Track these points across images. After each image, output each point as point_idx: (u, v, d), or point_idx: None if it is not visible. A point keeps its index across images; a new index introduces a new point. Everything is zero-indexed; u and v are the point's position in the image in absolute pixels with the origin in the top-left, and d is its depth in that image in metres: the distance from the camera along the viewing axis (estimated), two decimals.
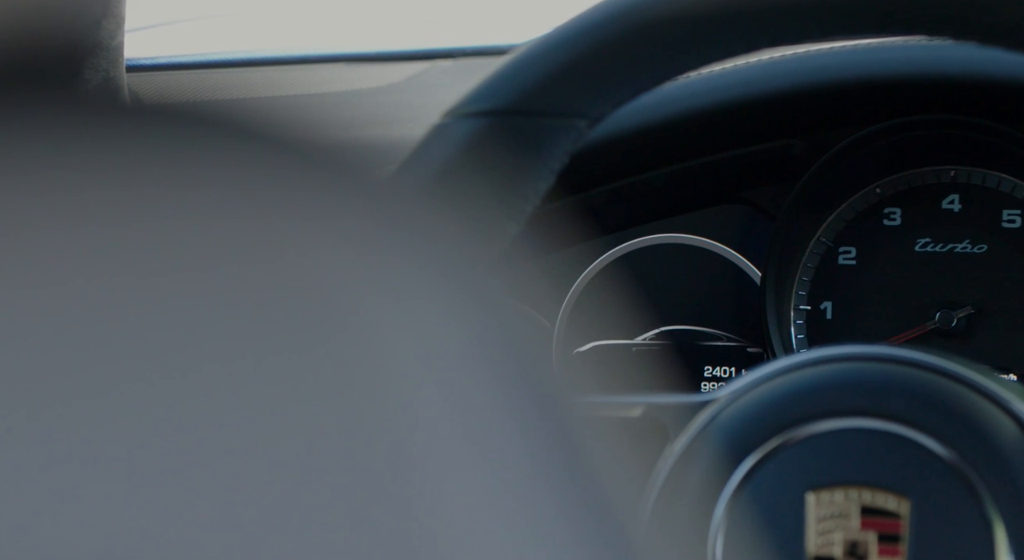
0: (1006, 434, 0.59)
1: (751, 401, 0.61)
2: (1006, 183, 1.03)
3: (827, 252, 1.06)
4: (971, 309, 1.02)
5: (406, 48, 1.28)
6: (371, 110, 1.23)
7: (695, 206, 1.10)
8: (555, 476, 0.25)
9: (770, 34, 0.62)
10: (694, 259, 1.10)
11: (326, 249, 0.24)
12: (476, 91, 0.65)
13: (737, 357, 1.09)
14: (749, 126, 1.04)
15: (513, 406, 0.25)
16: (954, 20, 0.60)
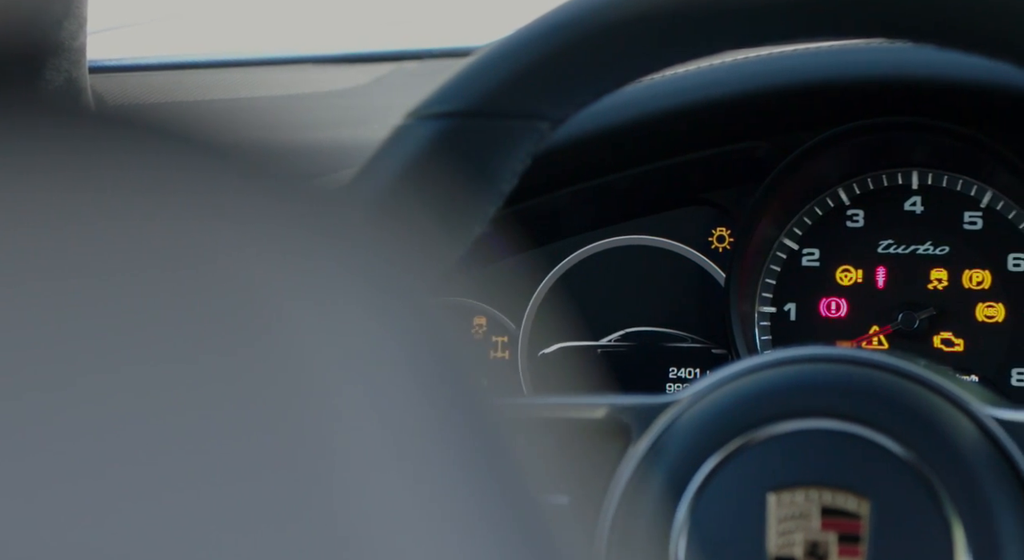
0: (965, 435, 0.59)
1: (713, 402, 0.62)
2: (967, 185, 1.03)
3: (791, 254, 1.06)
4: (933, 310, 1.03)
5: (372, 50, 1.28)
6: (337, 112, 1.23)
7: (660, 208, 1.10)
8: (476, 479, 0.25)
9: (731, 37, 0.62)
10: (659, 261, 1.10)
11: (251, 251, 0.24)
12: (438, 93, 0.65)
13: (702, 358, 1.09)
14: (713, 128, 1.04)
15: (435, 409, 0.25)
16: (914, 23, 0.60)
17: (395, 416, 0.24)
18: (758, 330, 1.06)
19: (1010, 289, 1.02)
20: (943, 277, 1.03)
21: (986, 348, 1.02)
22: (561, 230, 1.11)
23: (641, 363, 1.10)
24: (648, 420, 0.62)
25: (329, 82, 1.26)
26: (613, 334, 1.10)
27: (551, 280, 1.11)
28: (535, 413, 0.63)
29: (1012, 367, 1.02)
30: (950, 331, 1.03)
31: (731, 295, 1.05)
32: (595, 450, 0.63)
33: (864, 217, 1.05)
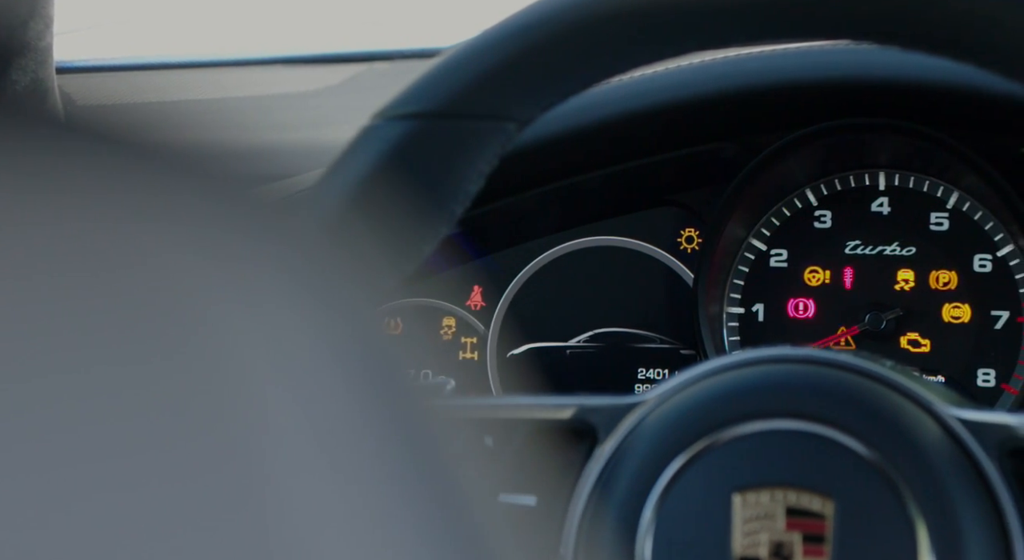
0: (928, 435, 0.60)
1: (679, 403, 0.62)
2: (934, 186, 1.04)
3: (759, 254, 1.07)
4: (900, 311, 1.03)
5: (342, 50, 1.28)
6: (307, 112, 1.23)
7: (628, 209, 1.10)
8: (407, 482, 0.25)
9: (697, 38, 0.63)
10: (627, 262, 1.10)
11: (180, 253, 0.24)
12: (405, 93, 0.65)
13: (670, 359, 1.09)
14: (681, 129, 1.04)
15: (366, 414, 0.25)
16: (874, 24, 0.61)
17: (324, 420, 0.24)
18: (726, 331, 1.06)
19: (976, 290, 1.03)
20: (910, 278, 1.04)
21: (952, 348, 1.03)
22: (530, 231, 1.11)
23: (610, 364, 1.10)
24: (614, 421, 0.62)
25: (298, 83, 1.26)
26: (582, 335, 1.10)
27: (520, 281, 1.11)
28: (501, 414, 0.63)
29: (978, 367, 1.02)
30: (917, 331, 1.03)
31: (699, 296, 1.05)
32: (562, 451, 0.63)
33: (832, 218, 1.06)
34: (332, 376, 0.25)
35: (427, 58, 1.29)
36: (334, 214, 0.63)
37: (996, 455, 0.60)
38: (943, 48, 0.61)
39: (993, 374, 1.02)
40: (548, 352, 1.11)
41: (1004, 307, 1.02)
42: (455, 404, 0.64)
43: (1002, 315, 1.02)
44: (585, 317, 1.11)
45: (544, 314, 1.11)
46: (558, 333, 1.11)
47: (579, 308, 1.11)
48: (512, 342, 1.11)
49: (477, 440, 0.63)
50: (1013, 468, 0.59)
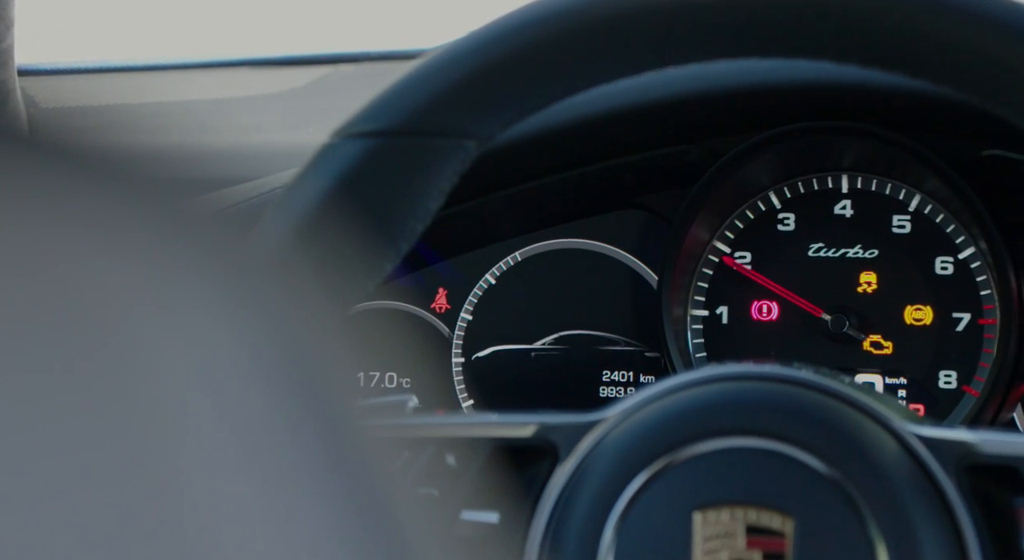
0: (887, 453, 0.60)
1: (639, 421, 0.62)
2: (896, 189, 1.04)
3: (723, 257, 1.07)
4: (862, 313, 1.04)
5: (308, 53, 1.27)
6: (272, 115, 1.22)
7: (593, 211, 1.10)
8: (327, 491, 0.25)
9: (657, 56, 0.63)
10: (592, 264, 1.10)
11: (101, 258, 0.24)
12: (364, 111, 0.65)
13: (635, 362, 1.10)
14: (644, 132, 1.05)
15: (289, 424, 0.25)
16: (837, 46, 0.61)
17: (246, 429, 0.24)
18: (690, 333, 1.07)
19: (938, 292, 1.03)
20: (872, 280, 1.04)
21: (914, 351, 1.03)
22: (495, 233, 1.11)
23: (574, 366, 1.10)
24: (575, 439, 0.62)
25: (264, 85, 1.25)
26: (547, 337, 1.10)
27: (485, 283, 1.11)
28: (462, 432, 0.63)
29: (939, 369, 1.03)
30: (879, 334, 1.04)
31: (663, 299, 1.05)
32: (524, 469, 0.63)
33: (795, 221, 1.06)
34: (258, 390, 0.25)
35: (393, 61, 1.29)
36: (292, 233, 0.63)
37: (954, 472, 0.60)
38: (897, 66, 0.61)
39: (955, 376, 1.03)
40: (513, 355, 1.11)
41: (965, 309, 1.03)
42: (415, 422, 0.64)
43: (963, 317, 1.03)
44: (550, 320, 1.11)
45: (509, 317, 1.11)
46: (523, 336, 1.11)
47: (544, 311, 1.11)
48: (477, 345, 1.12)
49: (439, 458, 0.63)
50: (971, 485, 0.60)
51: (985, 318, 1.02)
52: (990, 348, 1.01)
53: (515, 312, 1.11)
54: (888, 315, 1.04)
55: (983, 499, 0.60)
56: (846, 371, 1.04)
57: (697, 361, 1.07)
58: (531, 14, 0.63)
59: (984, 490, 0.60)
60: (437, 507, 0.62)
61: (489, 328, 1.11)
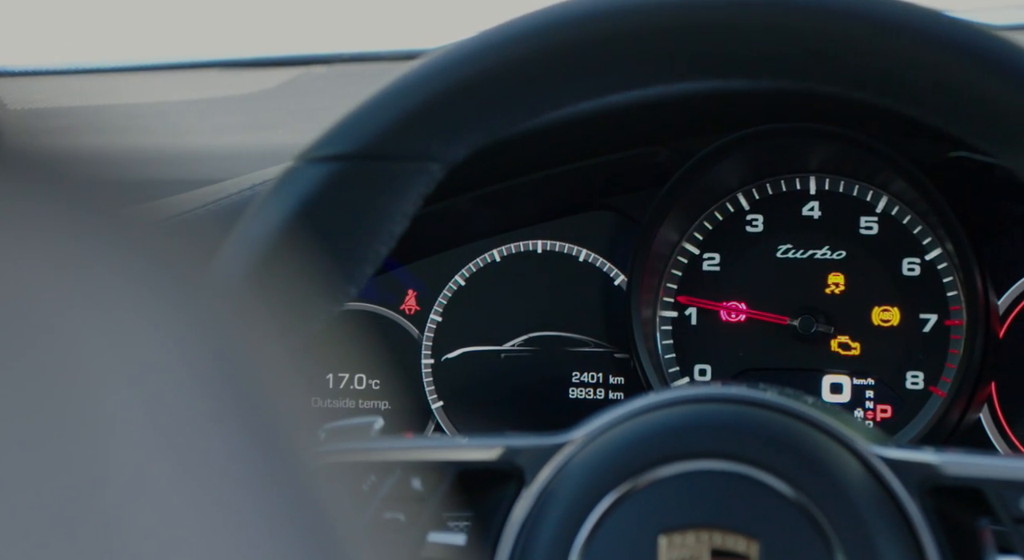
0: (851, 475, 0.60)
1: (604, 444, 0.62)
2: (863, 190, 1.05)
3: (691, 258, 1.07)
4: (830, 314, 1.04)
5: (280, 54, 1.27)
6: (243, 116, 1.22)
7: (562, 213, 1.10)
8: (263, 509, 0.25)
9: (620, 80, 0.62)
10: (562, 266, 1.10)
11: (33, 261, 0.24)
12: (327, 135, 0.64)
13: (604, 363, 1.10)
14: (613, 133, 1.05)
15: (224, 435, 0.25)
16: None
17: (176, 438, 0.24)
18: (659, 334, 1.07)
19: (905, 293, 1.04)
20: (840, 281, 1.05)
21: (882, 351, 1.04)
22: (465, 235, 1.11)
23: (544, 367, 1.10)
24: (540, 462, 0.63)
25: (235, 86, 1.25)
26: (516, 339, 1.11)
27: (455, 285, 1.11)
28: (427, 455, 0.63)
29: (906, 370, 1.04)
30: (847, 335, 1.04)
31: (632, 300, 1.05)
32: (490, 491, 0.64)
33: (763, 222, 1.06)
34: (182, 384, 0.25)
35: (365, 62, 1.29)
36: (254, 258, 0.62)
37: (918, 494, 0.60)
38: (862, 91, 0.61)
39: (922, 377, 1.03)
40: (483, 356, 1.11)
41: (932, 310, 1.03)
42: (380, 446, 0.64)
43: (930, 318, 1.03)
44: (520, 321, 1.11)
45: (479, 318, 1.11)
46: (493, 337, 1.11)
47: (514, 312, 1.11)
48: (447, 346, 1.12)
49: (404, 482, 0.63)
50: (935, 506, 0.60)
51: (952, 319, 1.03)
52: (956, 349, 1.01)
53: (485, 314, 1.11)
54: (856, 316, 1.04)
55: (947, 520, 0.60)
56: (814, 372, 1.05)
57: (666, 362, 1.07)
58: (495, 37, 0.63)
59: (948, 511, 0.61)
60: (403, 531, 0.62)
61: (458, 330, 1.11)
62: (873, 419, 1.04)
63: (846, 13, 0.60)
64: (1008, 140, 0.61)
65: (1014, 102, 0.59)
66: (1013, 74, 0.60)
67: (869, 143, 1.00)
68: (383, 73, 0.68)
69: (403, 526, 0.62)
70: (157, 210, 0.95)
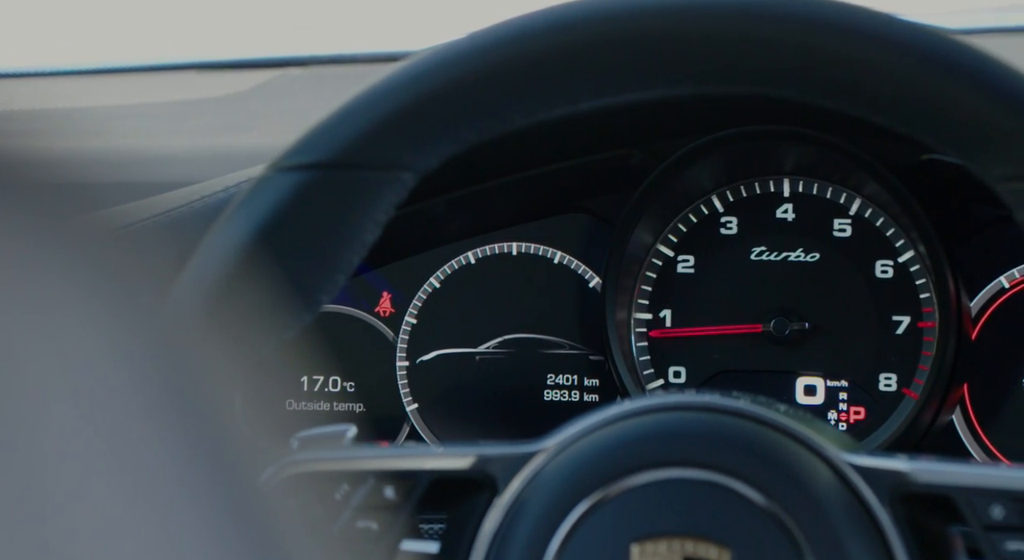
0: (822, 482, 0.61)
1: (576, 453, 0.62)
2: (837, 193, 1.05)
3: (666, 261, 1.07)
4: (804, 316, 1.04)
5: (255, 56, 1.27)
6: (218, 118, 1.21)
7: (537, 215, 1.10)
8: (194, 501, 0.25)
9: (591, 90, 0.63)
10: (536, 268, 1.10)
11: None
12: (299, 144, 0.64)
13: (579, 365, 1.10)
14: (587, 135, 1.05)
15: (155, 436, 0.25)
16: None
17: (112, 444, 0.24)
18: (634, 337, 1.07)
19: (878, 295, 1.04)
20: (814, 283, 1.05)
21: (855, 353, 1.04)
22: (440, 237, 1.11)
23: (519, 369, 1.10)
24: (513, 471, 0.63)
25: (210, 88, 1.25)
26: (491, 341, 1.11)
27: (429, 287, 1.11)
28: (399, 464, 0.63)
29: (880, 372, 1.04)
30: (821, 337, 1.05)
31: (607, 302, 1.06)
32: (462, 500, 0.64)
33: (737, 224, 1.07)
34: (123, 391, 0.25)
35: (341, 64, 1.28)
36: (225, 268, 0.62)
37: (888, 501, 0.61)
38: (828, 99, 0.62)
39: (895, 379, 1.04)
40: (458, 358, 1.11)
41: (905, 312, 1.03)
42: (353, 455, 0.64)
43: (903, 320, 1.03)
44: (494, 323, 1.11)
45: (454, 320, 1.11)
46: (468, 339, 1.11)
47: (488, 314, 1.11)
48: (422, 348, 1.12)
49: (377, 490, 0.63)
50: (905, 514, 0.61)
51: (924, 321, 1.03)
52: (929, 351, 1.02)
53: (459, 316, 1.11)
54: (829, 318, 1.05)
55: (918, 527, 0.61)
56: (788, 374, 1.05)
57: (641, 365, 1.07)
58: (466, 46, 0.63)
59: (919, 518, 0.61)
60: (376, 540, 0.62)
61: (433, 332, 1.11)
62: (847, 421, 1.05)
63: (804, 20, 0.60)
64: (971, 144, 0.61)
65: (975, 106, 0.60)
66: (974, 78, 0.60)
67: (843, 146, 1.01)
68: (360, 75, 0.68)
69: (376, 535, 0.62)
70: (126, 213, 0.95)
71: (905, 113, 0.61)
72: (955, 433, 1.03)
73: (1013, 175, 0.61)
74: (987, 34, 1.19)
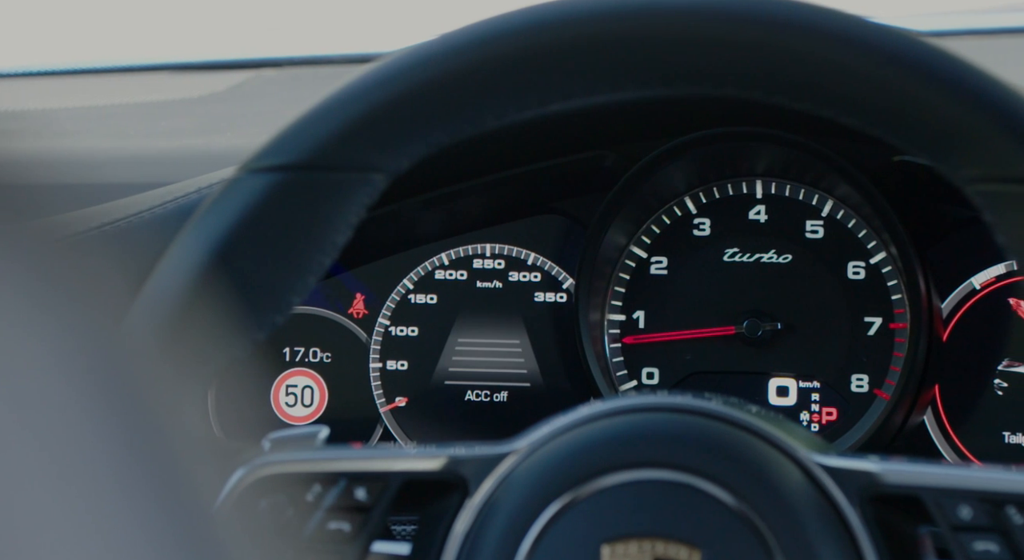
0: (792, 483, 0.61)
1: (547, 454, 0.62)
2: (809, 194, 1.05)
3: (639, 262, 1.07)
4: (776, 317, 1.05)
5: (229, 57, 1.26)
6: (192, 119, 1.21)
7: (510, 216, 1.10)
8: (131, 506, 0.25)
9: (559, 91, 0.63)
10: (510, 269, 1.10)
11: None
12: (270, 145, 0.64)
13: (553, 366, 1.10)
14: (560, 137, 1.05)
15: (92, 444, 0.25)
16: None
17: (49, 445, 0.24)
18: (607, 337, 1.07)
19: (850, 296, 1.04)
20: (786, 285, 1.05)
21: (827, 354, 1.05)
22: (413, 238, 1.11)
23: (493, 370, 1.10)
24: (484, 472, 0.63)
25: (184, 89, 1.24)
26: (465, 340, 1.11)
27: (403, 289, 1.11)
28: (371, 465, 0.63)
29: (852, 373, 1.04)
30: (793, 338, 1.05)
31: (580, 303, 1.06)
32: (434, 501, 0.64)
33: (710, 226, 1.07)
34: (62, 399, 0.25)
35: (315, 65, 1.28)
36: (196, 268, 0.62)
37: (858, 502, 0.61)
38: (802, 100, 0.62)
39: (866, 380, 1.04)
40: (431, 360, 1.11)
41: (877, 314, 1.04)
42: (324, 456, 0.64)
43: (875, 321, 1.04)
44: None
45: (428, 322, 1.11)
46: (442, 340, 1.11)
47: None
48: (394, 350, 1.11)
49: (348, 492, 0.63)
50: (875, 514, 0.61)
51: (896, 322, 1.03)
52: (900, 352, 1.02)
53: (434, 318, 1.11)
54: (801, 320, 1.05)
55: (887, 528, 0.61)
56: (761, 375, 1.05)
57: (614, 366, 1.07)
58: (436, 48, 0.63)
59: (888, 519, 0.61)
60: (348, 541, 0.62)
61: (407, 334, 1.11)
62: (819, 422, 1.05)
63: (773, 22, 0.61)
64: (940, 146, 0.61)
65: (944, 108, 0.60)
66: (942, 80, 0.60)
67: (814, 147, 1.01)
68: (334, 76, 0.68)
69: (347, 536, 0.62)
70: (98, 215, 0.95)
71: (875, 115, 0.62)
72: (926, 434, 1.03)
73: (982, 176, 0.62)
74: (959, 36, 1.20)
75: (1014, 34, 1.29)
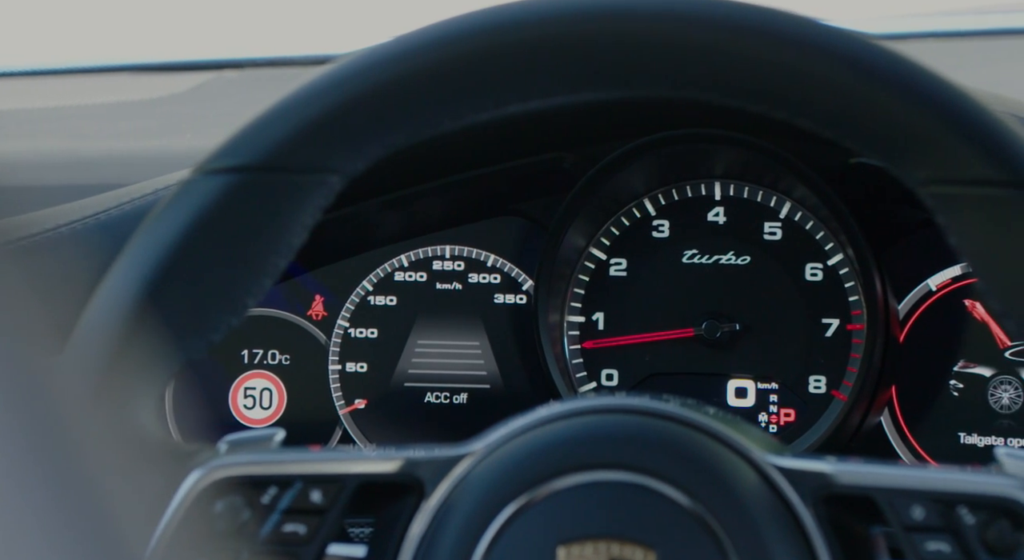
0: (747, 484, 0.61)
1: (503, 456, 0.62)
2: (767, 196, 1.06)
3: (598, 264, 1.08)
4: (735, 319, 1.05)
5: (190, 58, 1.26)
6: (152, 120, 1.21)
7: (469, 218, 1.10)
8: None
9: (516, 93, 0.63)
10: (469, 270, 1.10)
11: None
12: (224, 146, 0.64)
13: (512, 368, 1.10)
14: (519, 138, 1.05)
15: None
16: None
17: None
18: (567, 339, 1.07)
19: (808, 298, 1.05)
20: (745, 286, 1.06)
21: (785, 356, 1.05)
22: (372, 240, 1.11)
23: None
24: (440, 474, 0.63)
25: (144, 90, 1.24)
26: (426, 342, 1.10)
27: (362, 290, 1.11)
28: (326, 468, 0.63)
29: (810, 374, 1.05)
30: (751, 339, 1.05)
31: (539, 305, 1.06)
32: (390, 503, 0.64)
33: (669, 227, 1.07)
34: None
35: (276, 66, 1.28)
36: (149, 271, 0.62)
37: (812, 502, 0.61)
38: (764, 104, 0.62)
39: (824, 381, 1.05)
40: (391, 362, 1.11)
41: (834, 315, 1.04)
42: (280, 458, 0.64)
43: (832, 323, 1.04)
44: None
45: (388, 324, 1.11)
46: (401, 342, 1.11)
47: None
48: (353, 352, 1.11)
49: (304, 494, 0.63)
50: (828, 514, 0.61)
51: (853, 323, 1.04)
52: (857, 353, 1.03)
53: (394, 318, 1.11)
54: (760, 321, 1.05)
55: (840, 528, 0.61)
56: (720, 377, 1.06)
57: (573, 367, 1.07)
58: (391, 50, 0.63)
59: (842, 519, 0.61)
60: (303, 544, 0.62)
61: (366, 336, 1.11)
62: (777, 423, 1.06)
63: (727, 25, 0.61)
64: (893, 147, 0.62)
65: (896, 110, 0.61)
66: (894, 82, 0.61)
67: (772, 149, 1.02)
68: (295, 78, 0.67)
69: (303, 539, 0.62)
70: (55, 216, 0.94)
71: (828, 117, 0.62)
72: (883, 435, 1.04)
73: (934, 178, 0.62)
74: (914, 39, 1.20)
75: (980, 37, 1.30)
